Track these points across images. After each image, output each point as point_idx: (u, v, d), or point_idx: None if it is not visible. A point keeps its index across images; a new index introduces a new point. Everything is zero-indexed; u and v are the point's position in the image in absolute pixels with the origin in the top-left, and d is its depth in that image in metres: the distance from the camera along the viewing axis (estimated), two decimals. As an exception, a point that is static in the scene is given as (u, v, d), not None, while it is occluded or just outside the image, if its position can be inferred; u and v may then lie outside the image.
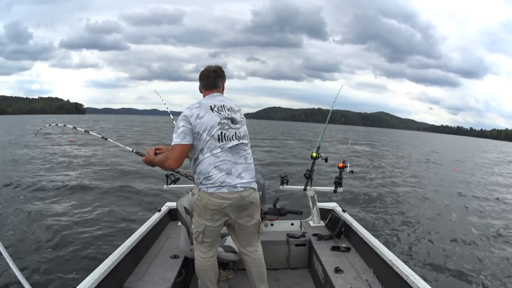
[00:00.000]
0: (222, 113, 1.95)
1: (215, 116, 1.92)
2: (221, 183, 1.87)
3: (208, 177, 1.87)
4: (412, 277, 1.80)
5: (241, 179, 1.91)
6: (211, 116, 1.91)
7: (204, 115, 1.90)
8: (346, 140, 29.83)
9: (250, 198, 1.95)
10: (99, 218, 5.57)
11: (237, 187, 1.89)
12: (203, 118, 1.89)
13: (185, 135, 1.87)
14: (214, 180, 1.86)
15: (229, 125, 1.94)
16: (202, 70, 2.10)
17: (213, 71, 2.05)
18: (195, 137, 1.89)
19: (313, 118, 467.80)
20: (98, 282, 1.76)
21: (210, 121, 1.90)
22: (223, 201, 1.87)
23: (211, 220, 1.92)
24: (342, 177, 2.98)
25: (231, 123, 1.95)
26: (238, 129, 1.97)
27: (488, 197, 9.24)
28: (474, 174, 14.23)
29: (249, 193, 1.95)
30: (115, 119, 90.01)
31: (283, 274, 2.72)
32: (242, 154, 1.97)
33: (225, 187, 1.87)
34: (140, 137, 24.73)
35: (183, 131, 1.87)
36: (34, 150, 15.22)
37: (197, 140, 1.89)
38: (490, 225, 6.35)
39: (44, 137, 21.26)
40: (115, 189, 7.80)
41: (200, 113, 1.90)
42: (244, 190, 1.92)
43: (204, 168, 1.88)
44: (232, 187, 1.88)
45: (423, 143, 43.22)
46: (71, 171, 10.04)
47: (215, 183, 1.86)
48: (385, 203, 7.53)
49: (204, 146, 1.89)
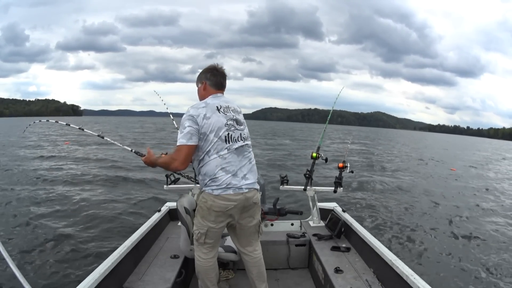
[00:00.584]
0: (228, 114, 1.92)
1: (222, 117, 1.89)
2: (227, 185, 1.84)
3: (214, 179, 1.84)
4: (412, 277, 1.80)
5: (246, 180, 1.91)
6: (217, 117, 1.87)
7: (211, 116, 1.86)
8: (343, 140, 29.92)
9: (254, 199, 1.96)
10: (99, 218, 5.56)
11: (242, 188, 1.88)
12: (210, 119, 1.85)
13: (192, 136, 1.81)
14: (220, 182, 1.84)
15: (235, 126, 1.93)
16: (212, 66, 2.02)
17: (223, 72, 2.02)
18: (201, 138, 1.84)
19: (310, 119, 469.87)
20: (98, 282, 1.76)
21: (217, 122, 1.86)
22: (229, 203, 1.86)
23: (215, 222, 1.90)
24: (342, 177, 2.99)
25: (236, 124, 1.94)
26: (242, 130, 1.97)
27: (486, 197, 9.27)
28: (469, 173, 14.33)
29: (253, 194, 1.95)
30: (114, 120, 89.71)
31: (283, 274, 2.72)
32: (247, 155, 1.96)
33: (231, 188, 1.85)
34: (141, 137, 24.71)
35: (189, 132, 1.81)
36: (32, 150, 15.18)
37: (203, 141, 1.84)
38: (490, 225, 6.37)
39: (42, 138, 21.18)
40: (115, 189, 7.80)
41: (207, 113, 1.85)
42: (249, 191, 1.92)
43: (211, 169, 1.85)
44: (238, 189, 1.87)
45: (421, 143, 43.41)
46: (70, 171, 10.02)
47: (221, 185, 1.84)
48: (385, 203, 7.54)
49: (211, 148, 1.84)
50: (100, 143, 18.36)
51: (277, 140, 28.83)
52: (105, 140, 3.00)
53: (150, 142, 21.18)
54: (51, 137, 23.70)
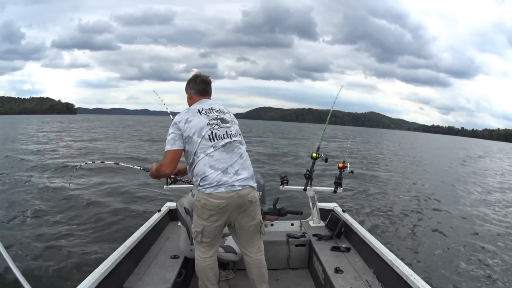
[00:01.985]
0: (210, 115, 1.98)
1: (203, 118, 1.95)
2: (218, 182, 1.85)
3: (204, 178, 1.87)
4: (412, 277, 1.80)
5: (238, 175, 1.90)
6: (199, 119, 1.94)
7: (193, 119, 1.93)
8: (338, 139, 30.05)
9: (249, 197, 1.93)
10: (99, 218, 5.54)
11: (234, 185, 1.88)
12: (192, 122, 1.92)
13: (175, 141, 1.91)
14: (210, 180, 1.85)
15: (219, 125, 1.96)
16: (194, 75, 2.13)
17: (207, 79, 2.12)
18: (187, 141, 1.91)
19: (304, 118, 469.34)
20: (98, 282, 1.75)
21: (198, 123, 1.92)
22: (220, 201, 1.86)
23: (209, 220, 1.91)
24: (342, 177, 2.99)
25: (221, 123, 1.98)
26: (228, 128, 1.99)
27: (485, 197, 9.37)
28: (463, 173, 14.51)
29: (248, 192, 1.93)
30: (108, 119, 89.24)
31: (283, 274, 2.71)
32: (237, 151, 1.96)
33: (223, 186, 1.86)
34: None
35: (173, 137, 1.92)
36: (32, 149, 15.05)
37: (189, 144, 1.91)
38: (490, 225, 6.42)
39: (38, 139, 21.02)
40: (115, 189, 7.76)
41: (189, 117, 1.94)
42: (243, 189, 1.90)
43: (200, 169, 1.89)
44: (230, 186, 1.87)
45: (416, 143, 43.77)
46: (70, 172, 9.91)
47: (212, 182, 1.85)
48: (385, 204, 7.59)
49: (197, 149, 1.89)
50: (94, 141, 18.29)
51: (274, 139, 28.86)
52: (120, 165, 3.14)
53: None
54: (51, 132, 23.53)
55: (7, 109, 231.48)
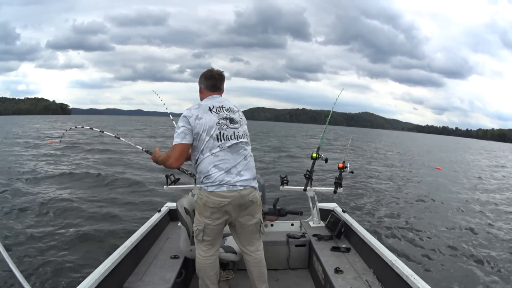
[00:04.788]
0: (220, 114, 1.98)
1: (214, 117, 1.95)
2: (221, 182, 1.89)
3: (208, 176, 1.90)
4: (412, 277, 1.81)
5: (241, 176, 1.93)
6: (209, 117, 1.94)
7: (203, 116, 1.94)
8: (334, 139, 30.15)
9: (250, 197, 1.96)
10: (99, 218, 5.52)
11: (236, 185, 1.91)
12: (202, 119, 1.93)
13: (185, 135, 1.92)
14: (213, 178, 1.89)
15: (227, 125, 1.97)
16: (207, 70, 2.12)
17: (219, 74, 2.10)
18: (195, 138, 1.93)
19: (297, 119, 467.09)
20: (98, 282, 1.74)
21: (208, 121, 1.93)
22: (222, 199, 1.89)
23: (211, 218, 1.94)
24: (342, 177, 2.99)
25: (230, 123, 1.98)
26: (236, 129, 2.00)
27: (483, 197, 9.44)
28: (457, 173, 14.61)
29: (249, 192, 1.96)
30: (101, 118, 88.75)
31: (283, 274, 2.71)
32: (242, 153, 1.98)
33: (225, 185, 1.89)
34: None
35: (183, 131, 1.92)
36: (30, 151, 14.92)
37: (197, 140, 1.93)
38: (489, 225, 6.47)
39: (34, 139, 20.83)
40: (115, 189, 7.75)
41: (199, 114, 1.94)
42: (244, 189, 1.93)
43: (204, 167, 1.91)
44: (232, 186, 1.90)
45: (412, 143, 43.99)
46: (70, 171, 9.88)
47: (215, 181, 1.89)
48: (385, 204, 7.63)
49: (204, 147, 1.91)
50: (91, 142, 18.16)
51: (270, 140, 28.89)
52: (121, 140, 3.13)
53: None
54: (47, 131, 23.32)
55: (2, 110, 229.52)
